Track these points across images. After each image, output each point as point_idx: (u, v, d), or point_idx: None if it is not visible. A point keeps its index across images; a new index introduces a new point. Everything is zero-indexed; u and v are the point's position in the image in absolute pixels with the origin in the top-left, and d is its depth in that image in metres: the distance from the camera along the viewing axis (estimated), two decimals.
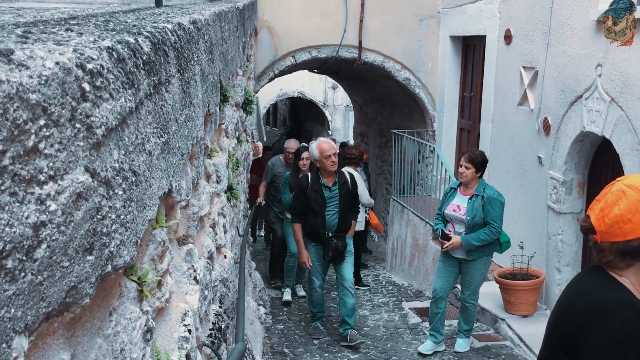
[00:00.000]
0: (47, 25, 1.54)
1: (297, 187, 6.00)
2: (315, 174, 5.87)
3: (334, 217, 5.84)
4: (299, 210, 5.90)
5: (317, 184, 5.80)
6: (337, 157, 8.26)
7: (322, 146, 5.75)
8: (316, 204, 5.77)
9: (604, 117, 5.30)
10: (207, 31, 2.68)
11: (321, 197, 5.76)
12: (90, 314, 1.20)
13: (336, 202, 5.84)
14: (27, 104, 0.86)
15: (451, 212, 5.49)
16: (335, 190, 5.83)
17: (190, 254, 2.18)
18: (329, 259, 5.91)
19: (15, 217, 0.84)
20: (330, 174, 5.81)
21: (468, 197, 5.41)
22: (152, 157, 1.50)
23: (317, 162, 5.80)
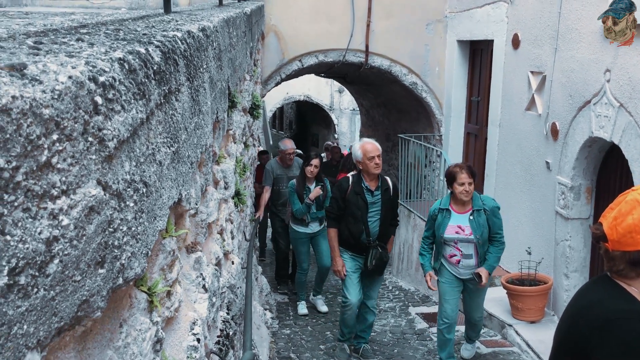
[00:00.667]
0: (57, 34, 1.54)
1: (336, 189, 5.57)
2: (357, 177, 5.44)
3: (375, 224, 5.40)
4: (337, 215, 5.46)
5: (359, 187, 5.36)
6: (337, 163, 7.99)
7: (365, 147, 5.35)
8: (357, 209, 5.33)
9: (612, 122, 5.27)
10: (215, 38, 2.68)
11: (363, 201, 5.33)
12: (101, 326, 1.19)
13: (378, 208, 5.40)
14: (40, 119, 0.86)
15: (454, 235, 5.05)
16: (377, 196, 5.40)
17: (198, 262, 2.17)
18: (372, 268, 5.37)
19: (28, 233, 0.83)
20: (373, 177, 5.39)
21: (467, 214, 5.04)
22: (163, 167, 1.50)
23: (359, 164, 5.39)
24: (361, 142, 5.49)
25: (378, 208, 5.39)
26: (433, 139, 9.49)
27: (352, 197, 5.35)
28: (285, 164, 7.80)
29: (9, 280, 0.79)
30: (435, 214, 5.13)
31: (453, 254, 5.08)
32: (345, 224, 5.40)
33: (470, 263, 5.07)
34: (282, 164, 7.82)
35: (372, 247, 5.35)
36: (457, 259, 5.09)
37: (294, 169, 7.77)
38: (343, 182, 5.52)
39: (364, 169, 5.36)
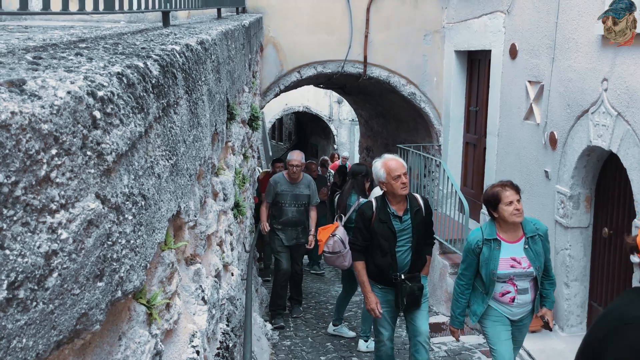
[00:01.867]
0: (56, 49, 1.55)
1: (359, 217, 4.75)
2: (381, 200, 4.65)
3: (406, 254, 4.62)
4: (362, 246, 4.69)
5: (385, 214, 4.58)
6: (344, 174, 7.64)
7: (389, 165, 4.54)
8: (384, 239, 4.57)
9: (610, 131, 5.29)
10: (214, 51, 2.69)
11: (390, 230, 4.56)
12: (100, 338, 1.20)
13: (408, 235, 4.61)
14: (39, 134, 0.87)
15: (509, 270, 4.16)
16: (407, 221, 4.60)
17: (198, 273, 2.18)
18: (404, 308, 4.67)
19: (27, 247, 0.84)
20: (400, 199, 4.59)
21: (520, 242, 4.21)
22: (161, 180, 1.51)
23: (382, 185, 4.60)
24: (382, 159, 4.67)
25: (408, 235, 4.61)
26: (432, 148, 9.51)
27: (377, 226, 4.60)
28: (290, 178, 7.04)
29: (8, 294, 0.80)
30: (478, 247, 4.21)
31: (506, 291, 4.24)
32: (371, 256, 4.68)
33: (526, 299, 4.26)
34: (288, 178, 7.06)
35: (399, 284, 4.61)
36: (511, 297, 4.23)
37: (302, 187, 7.06)
38: (366, 209, 4.71)
39: (389, 190, 4.57)
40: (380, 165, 4.60)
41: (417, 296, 4.66)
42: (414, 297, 4.65)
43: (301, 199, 7.09)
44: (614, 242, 5.71)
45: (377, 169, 4.62)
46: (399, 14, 9.06)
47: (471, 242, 4.25)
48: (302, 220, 7.15)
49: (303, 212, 7.13)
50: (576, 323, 6.06)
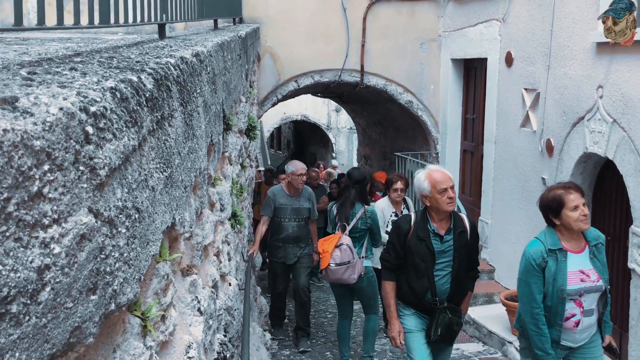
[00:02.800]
0: (51, 64, 1.57)
1: (394, 232, 4.22)
2: (421, 215, 4.12)
3: (445, 280, 4.04)
4: (395, 264, 4.16)
5: (424, 231, 4.03)
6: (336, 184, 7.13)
7: (434, 176, 4.00)
8: (420, 259, 4.01)
9: (606, 138, 5.31)
10: (209, 62, 2.71)
11: (428, 249, 4.00)
12: (94, 351, 1.20)
13: (449, 258, 4.04)
14: (31, 150, 0.88)
15: (579, 285, 3.59)
16: (448, 242, 4.04)
17: (194, 284, 2.18)
18: (436, 338, 4.05)
19: (20, 262, 0.85)
20: (444, 216, 4.04)
21: (585, 252, 3.68)
22: (155, 193, 1.52)
23: (425, 200, 4.05)
24: (427, 170, 4.15)
25: (449, 258, 4.04)
26: (430, 156, 9.53)
27: (414, 243, 4.05)
28: (292, 189, 6.45)
29: (1, 309, 0.81)
30: (544, 260, 3.61)
31: (570, 314, 3.62)
32: (405, 277, 4.13)
33: (591, 321, 3.68)
34: (288, 190, 6.48)
35: (439, 311, 4.02)
36: (575, 321, 3.62)
37: (302, 199, 6.51)
38: (402, 223, 4.18)
39: (433, 205, 4.02)
40: (424, 177, 4.06)
41: (455, 331, 4.09)
42: (450, 331, 4.05)
43: (302, 212, 6.53)
44: (612, 249, 5.71)
45: (420, 181, 4.07)
46: (395, 23, 9.11)
47: (534, 255, 3.62)
48: (304, 235, 6.61)
49: (304, 227, 6.58)
50: None
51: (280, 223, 6.47)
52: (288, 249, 6.51)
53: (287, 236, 6.47)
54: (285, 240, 6.48)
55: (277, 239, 6.53)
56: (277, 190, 6.60)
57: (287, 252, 6.50)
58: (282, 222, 6.46)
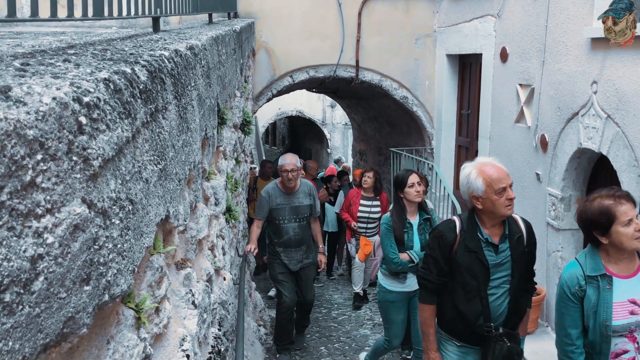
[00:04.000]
0: (45, 55, 1.56)
1: (435, 242, 3.37)
2: (468, 221, 3.30)
3: (502, 300, 3.28)
4: (436, 284, 3.37)
5: (475, 240, 3.25)
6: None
7: (489, 173, 3.18)
8: (471, 276, 3.25)
9: (600, 133, 5.33)
10: (204, 56, 2.71)
11: (482, 264, 3.23)
12: (88, 342, 1.21)
13: (506, 273, 3.27)
14: (24, 139, 0.88)
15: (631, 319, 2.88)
16: (504, 252, 3.27)
17: (188, 278, 2.18)
18: None
19: (13, 252, 0.85)
20: (499, 220, 3.28)
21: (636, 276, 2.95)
22: (149, 185, 1.52)
23: (477, 202, 3.21)
24: (476, 164, 3.30)
25: (507, 272, 3.27)
26: (424, 152, 9.54)
27: (462, 256, 3.27)
28: (285, 187, 5.77)
29: None
30: (580, 289, 2.93)
31: (622, 351, 2.90)
32: (450, 298, 3.36)
33: None
34: (283, 188, 5.79)
35: (495, 340, 3.28)
36: (630, 358, 2.91)
37: (301, 196, 5.85)
38: (446, 231, 3.34)
39: (487, 208, 3.21)
40: (476, 173, 3.20)
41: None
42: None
43: (302, 211, 5.85)
44: None
45: (470, 178, 3.22)
46: (390, 18, 9.10)
47: (569, 282, 2.96)
48: (307, 237, 5.94)
49: (306, 228, 5.92)
50: None
51: (279, 226, 5.78)
52: (291, 253, 5.85)
53: (288, 240, 5.80)
54: (286, 244, 5.81)
55: (277, 243, 5.84)
56: (271, 188, 5.85)
57: (290, 257, 5.86)
58: (281, 225, 5.77)
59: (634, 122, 4.91)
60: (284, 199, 5.77)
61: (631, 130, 4.94)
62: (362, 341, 6.73)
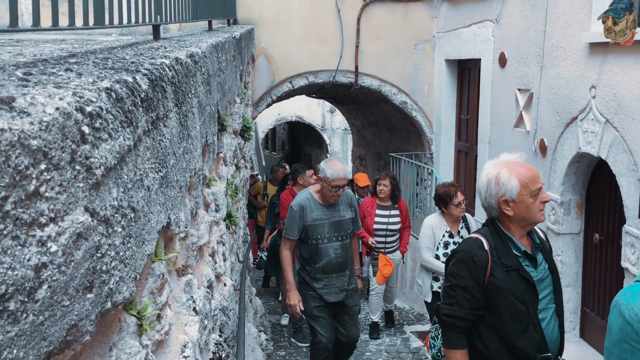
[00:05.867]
0: (47, 65, 1.58)
1: (464, 266, 2.71)
2: (495, 234, 2.75)
3: (553, 322, 2.75)
4: (469, 321, 2.72)
5: (510, 256, 2.69)
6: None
7: (522, 172, 2.69)
8: (518, 300, 2.65)
9: (599, 138, 5.34)
10: (204, 63, 2.72)
11: (526, 281, 2.68)
12: (90, 350, 1.21)
13: (549, 288, 2.78)
14: (28, 150, 0.89)
15: None
16: (542, 263, 2.80)
17: (189, 284, 2.19)
18: None
19: (17, 260, 0.86)
20: (528, 230, 2.81)
21: None
22: (151, 192, 1.53)
23: (507, 207, 2.69)
24: (502, 162, 2.80)
25: (550, 289, 2.78)
26: (424, 157, 9.55)
27: (502, 278, 2.66)
28: (325, 199, 4.69)
29: None
30: None
31: None
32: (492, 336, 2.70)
33: None
34: (321, 199, 4.70)
35: None
36: None
37: (342, 208, 4.78)
38: (475, 251, 2.71)
39: (519, 215, 2.70)
40: (508, 172, 2.68)
41: None
42: None
43: (344, 227, 4.79)
44: (605, 248, 5.75)
45: (502, 179, 2.69)
46: (389, 24, 9.13)
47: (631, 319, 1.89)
48: (349, 259, 4.91)
49: (348, 247, 4.88)
50: (569, 329, 6.08)
51: (316, 246, 4.68)
52: (332, 280, 4.77)
53: (328, 263, 4.72)
54: (325, 269, 4.72)
55: (313, 268, 4.75)
56: (305, 199, 4.71)
57: (329, 286, 4.77)
58: (319, 245, 4.67)
59: (633, 127, 4.92)
60: (322, 212, 4.67)
61: (630, 135, 4.95)
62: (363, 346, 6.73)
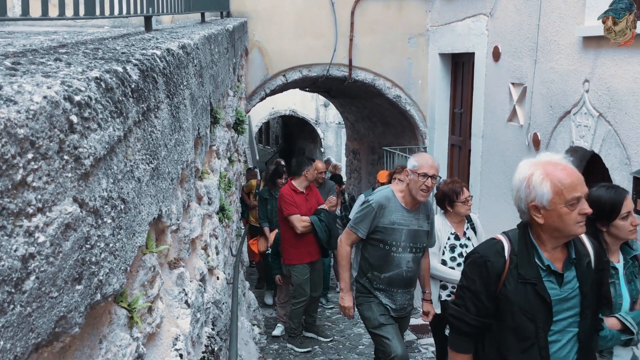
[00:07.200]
0: (36, 55, 1.56)
1: (476, 269, 2.55)
2: (521, 241, 2.51)
3: (570, 347, 2.50)
4: (475, 327, 2.58)
5: (532, 268, 2.46)
6: None
7: (560, 177, 2.39)
8: (528, 316, 2.44)
9: (592, 132, 5.35)
10: (196, 55, 2.70)
11: (542, 299, 2.43)
12: (80, 342, 1.20)
13: (574, 310, 2.48)
14: (15, 138, 0.87)
15: None
16: (571, 281, 2.48)
17: (181, 277, 2.18)
18: None
19: (4, 251, 0.85)
20: (564, 242, 2.50)
21: None
22: (142, 184, 1.52)
23: (537, 213, 2.43)
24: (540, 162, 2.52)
25: (574, 311, 2.48)
26: (418, 151, 9.55)
27: (514, 289, 2.47)
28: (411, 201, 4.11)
29: None
30: None
31: None
32: (494, 347, 2.56)
33: None
34: (405, 201, 4.13)
35: None
36: None
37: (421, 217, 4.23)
38: (491, 255, 2.53)
39: (551, 224, 2.42)
40: (541, 175, 2.41)
41: None
42: None
43: (420, 238, 4.24)
44: None
45: (533, 181, 2.42)
46: (383, 17, 9.11)
47: None
48: (417, 277, 4.39)
49: (419, 263, 4.32)
50: None
51: (388, 254, 4.12)
52: (395, 296, 4.23)
53: (397, 276, 4.17)
54: (391, 282, 4.18)
55: (377, 278, 4.19)
56: (385, 197, 4.14)
57: (393, 299, 4.24)
58: (391, 253, 4.11)
59: (626, 121, 4.93)
60: (403, 216, 4.09)
61: (623, 129, 4.96)
62: (356, 340, 6.74)
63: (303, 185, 6.13)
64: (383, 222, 4.08)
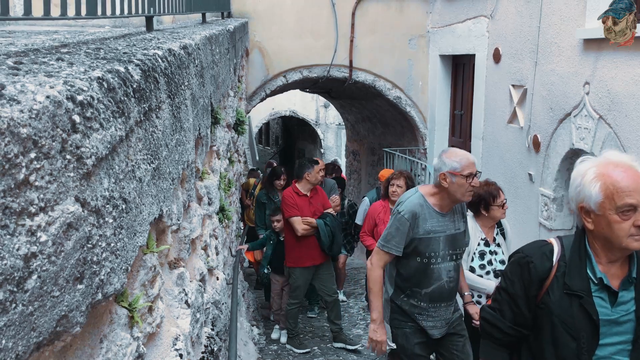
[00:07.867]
0: (38, 54, 1.56)
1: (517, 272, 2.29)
2: (575, 246, 2.21)
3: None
4: (510, 335, 2.35)
5: (582, 279, 2.16)
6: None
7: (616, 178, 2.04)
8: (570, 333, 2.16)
9: (592, 134, 5.36)
10: (197, 55, 2.71)
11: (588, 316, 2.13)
12: (81, 341, 1.20)
13: (626, 336, 2.16)
14: (18, 138, 0.88)
15: None
16: (628, 303, 2.15)
17: (181, 277, 2.18)
18: None
19: (6, 250, 0.85)
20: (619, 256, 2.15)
21: None
22: (143, 184, 1.52)
23: (587, 218, 2.14)
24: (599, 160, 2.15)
25: (626, 337, 2.16)
26: (418, 152, 9.56)
27: (558, 300, 2.19)
28: (444, 204, 3.57)
29: None
30: None
31: None
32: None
33: None
34: (440, 205, 3.56)
35: None
36: None
37: (456, 219, 3.67)
38: (536, 256, 2.26)
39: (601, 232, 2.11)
40: (594, 173, 2.10)
41: None
42: None
43: (459, 242, 3.72)
44: None
45: (585, 179, 2.12)
46: (384, 18, 9.12)
47: None
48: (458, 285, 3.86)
49: (459, 270, 3.82)
50: None
51: (427, 267, 3.59)
52: (439, 311, 3.69)
53: (439, 289, 3.64)
54: (434, 297, 3.64)
55: (418, 295, 3.66)
56: (417, 204, 3.56)
57: (435, 317, 3.70)
58: (431, 266, 3.59)
59: (626, 123, 4.94)
60: (438, 222, 3.59)
61: (623, 131, 4.97)
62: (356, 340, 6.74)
63: (306, 188, 5.99)
64: (418, 232, 3.53)
